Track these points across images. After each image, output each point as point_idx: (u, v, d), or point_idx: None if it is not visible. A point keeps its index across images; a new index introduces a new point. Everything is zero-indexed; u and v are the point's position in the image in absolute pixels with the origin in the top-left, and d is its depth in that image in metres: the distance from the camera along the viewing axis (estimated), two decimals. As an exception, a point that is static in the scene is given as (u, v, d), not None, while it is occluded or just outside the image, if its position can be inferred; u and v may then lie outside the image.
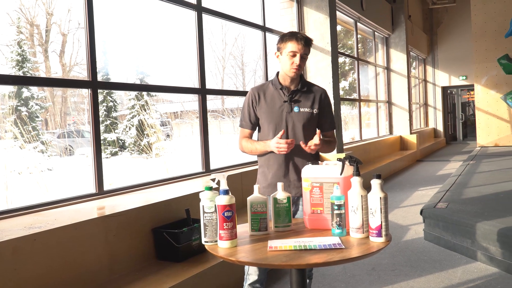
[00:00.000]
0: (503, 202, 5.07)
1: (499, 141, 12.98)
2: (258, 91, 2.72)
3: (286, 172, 2.65)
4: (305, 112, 2.66)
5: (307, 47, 2.60)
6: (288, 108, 2.65)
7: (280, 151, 2.52)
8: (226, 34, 23.28)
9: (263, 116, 2.69)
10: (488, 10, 12.90)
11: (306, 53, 2.60)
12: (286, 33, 2.66)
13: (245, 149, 2.75)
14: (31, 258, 2.66)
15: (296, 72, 2.60)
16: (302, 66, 2.62)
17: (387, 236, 1.96)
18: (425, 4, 17.20)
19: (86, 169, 11.08)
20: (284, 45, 2.61)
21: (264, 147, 2.63)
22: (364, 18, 10.51)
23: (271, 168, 2.67)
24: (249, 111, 2.72)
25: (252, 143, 2.70)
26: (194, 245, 3.53)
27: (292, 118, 2.64)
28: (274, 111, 2.66)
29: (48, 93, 16.52)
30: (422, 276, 3.81)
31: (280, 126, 2.64)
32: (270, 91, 2.71)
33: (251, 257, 1.87)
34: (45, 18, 15.57)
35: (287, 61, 2.60)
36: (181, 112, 20.54)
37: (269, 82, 2.76)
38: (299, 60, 2.57)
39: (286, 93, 2.66)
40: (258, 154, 2.72)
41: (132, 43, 15.04)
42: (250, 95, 2.73)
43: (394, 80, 13.02)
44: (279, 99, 2.67)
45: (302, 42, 2.56)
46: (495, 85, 12.96)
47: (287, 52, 2.59)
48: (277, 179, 2.64)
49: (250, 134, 2.76)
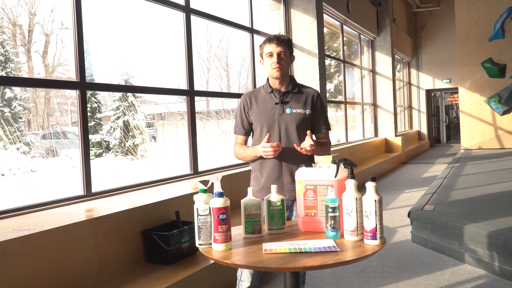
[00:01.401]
0: (489, 205, 5.13)
1: (483, 144, 13.16)
2: (249, 96, 2.74)
3: (279, 175, 2.65)
4: (298, 113, 2.65)
5: (283, 45, 2.60)
6: (280, 109, 2.65)
7: (267, 156, 2.52)
8: (211, 36, 23.23)
9: (255, 119, 2.69)
10: (472, 14, 13.08)
11: (284, 51, 2.61)
12: (263, 40, 2.70)
13: (238, 155, 2.77)
14: (20, 261, 2.61)
15: (278, 71, 2.60)
16: (284, 65, 2.62)
17: (381, 239, 1.97)
18: (410, 7, 17.38)
19: (71, 170, 10.96)
20: (262, 50, 2.67)
21: (254, 152, 2.64)
22: (350, 21, 10.57)
23: (264, 172, 2.67)
24: (241, 117, 2.73)
25: (243, 149, 2.71)
26: (184, 247, 3.50)
27: (284, 120, 2.64)
28: (266, 114, 2.67)
29: (31, 93, 16.33)
30: (411, 278, 3.83)
31: (273, 128, 2.64)
32: (262, 95, 2.72)
33: (246, 260, 1.86)
34: (28, 18, 15.39)
35: (268, 62, 2.64)
36: (166, 114, 20.45)
37: (260, 87, 2.78)
38: (276, 58, 2.59)
39: (277, 95, 2.67)
40: (250, 159, 2.73)
41: (116, 44, 14.93)
42: (242, 101, 2.74)
43: (380, 82, 13.12)
44: (270, 102, 2.68)
45: (275, 41, 2.59)
46: (479, 88, 13.14)
47: (265, 55, 2.64)
48: (271, 182, 2.63)
49: (244, 140, 2.77)
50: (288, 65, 2.67)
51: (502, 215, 4.49)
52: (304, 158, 2.65)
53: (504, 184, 6.57)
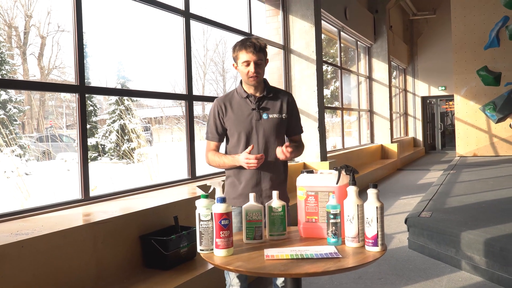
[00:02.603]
0: (486, 212, 5.16)
1: (478, 151, 13.22)
2: (223, 101, 2.63)
3: (258, 181, 2.59)
4: (274, 118, 2.60)
5: (259, 53, 2.50)
6: (257, 115, 2.58)
7: (249, 167, 2.47)
8: (208, 40, 23.24)
9: (231, 126, 2.60)
10: (468, 22, 13.17)
11: (260, 59, 2.51)
12: (237, 43, 2.56)
13: (213, 162, 2.66)
14: (18, 265, 2.60)
15: (255, 80, 2.53)
16: (261, 72, 2.54)
17: (382, 246, 1.97)
18: (406, 15, 17.48)
19: (66, 174, 10.92)
20: (237, 55, 2.54)
21: (233, 162, 2.55)
22: (347, 28, 10.62)
23: (242, 178, 2.59)
24: (215, 122, 2.63)
25: (220, 157, 2.61)
26: (182, 252, 3.50)
27: (262, 126, 2.58)
28: (242, 120, 2.58)
29: (26, 96, 16.28)
30: (408, 285, 3.84)
31: (250, 134, 2.57)
32: (236, 100, 2.63)
33: (249, 266, 1.86)
34: (24, 20, 15.34)
35: (243, 70, 2.53)
36: (161, 118, 20.44)
37: (233, 91, 2.68)
38: (253, 68, 2.49)
39: (253, 100, 2.59)
40: (227, 168, 2.64)
41: (113, 48, 14.91)
42: (216, 106, 2.63)
43: (376, 89, 13.17)
44: (246, 108, 2.60)
45: (251, 49, 2.47)
46: (474, 96, 13.21)
47: (241, 63, 2.53)
48: (249, 189, 2.57)
49: (217, 146, 2.67)
50: (264, 71, 2.59)
51: (498, 222, 4.51)
52: (281, 163, 2.65)
53: (500, 191, 6.61)
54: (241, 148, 2.58)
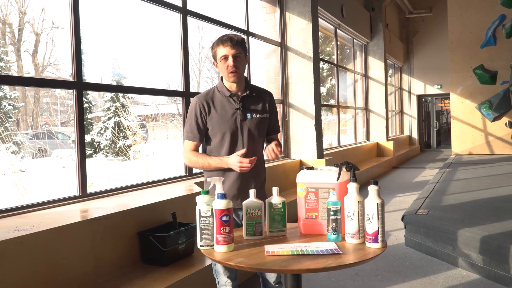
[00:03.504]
0: (482, 210, 5.18)
1: (473, 150, 13.27)
2: (205, 99, 2.55)
3: (244, 181, 2.54)
4: (258, 118, 2.57)
5: (237, 46, 2.46)
6: (241, 115, 2.53)
7: (242, 170, 2.41)
8: (203, 38, 23.24)
9: (215, 126, 2.53)
10: (465, 21, 13.20)
11: (239, 52, 2.46)
12: (214, 41, 2.53)
13: (195, 164, 2.55)
14: (17, 262, 2.59)
15: (235, 75, 2.47)
16: (240, 67, 2.48)
17: (383, 242, 1.98)
18: (402, 13, 17.50)
19: (61, 171, 10.87)
20: (215, 52, 2.50)
21: (220, 164, 2.48)
22: (344, 25, 10.62)
23: (227, 180, 2.52)
24: (197, 122, 2.53)
25: (203, 158, 2.52)
26: (180, 249, 3.49)
27: (246, 126, 2.54)
28: (226, 120, 2.52)
29: (20, 93, 16.19)
30: (406, 282, 3.85)
31: (235, 134, 2.52)
32: (219, 99, 2.56)
33: (250, 262, 1.86)
34: (18, 16, 15.26)
35: (222, 66, 2.48)
36: (156, 115, 20.39)
37: (213, 89, 2.60)
38: (232, 61, 2.44)
39: (236, 99, 2.54)
40: (211, 169, 2.54)
41: (108, 44, 14.85)
42: (197, 105, 2.54)
43: (372, 87, 13.19)
44: (230, 107, 2.54)
45: (228, 43, 2.44)
46: (470, 94, 13.25)
47: (219, 59, 2.48)
48: (235, 190, 2.53)
49: (197, 146, 2.58)
50: (244, 67, 2.53)
51: (495, 220, 4.53)
52: (264, 161, 2.67)
53: (496, 189, 6.63)
54: (224, 148, 2.53)
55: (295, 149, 7.31)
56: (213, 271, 2.55)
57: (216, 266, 2.48)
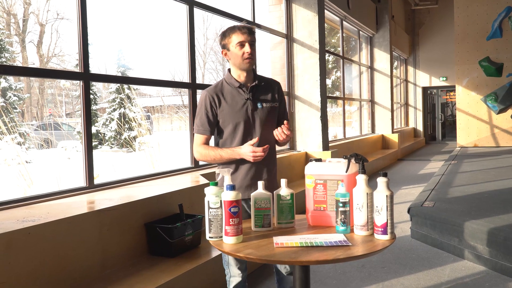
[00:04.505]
0: (488, 202, 5.17)
1: (478, 142, 13.22)
2: (215, 92, 2.55)
3: (257, 171, 2.56)
4: (269, 107, 2.59)
5: (252, 35, 2.50)
6: (252, 105, 2.55)
7: (256, 159, 2.43)
8: (208, 29, 23.13)
9: (226, 118, 2.53)
10: (471, 13, 13.10)
11: (253, 41, 2.50)
12: (225, 30, 2.54)
13: (206, 157, 2.55)
14: (25, 252, 2.60)
15: (250, 61, 2.49)
16: (254, 55, 2.52)
17: (392, 234, 1.97)
18: (408, 5, 17.38)
19: (66, 162, 10.91)
20: (229, 39, 2.50)
21: (232, 155, 2.49)
22: (350, 17, 10.56)
23: (240, 171, 2.54)
24: (207, 115, 2.53)
25: (214, 151, 2.52)
26: (187, 240, 3.50)
27: (258, 115, 2.55)
28: (237, 111, 2.53)
29: (25, 84, 16.22)
30: (412, 274, 3.86)
31: (248, 124, 2.53)
32: (228, 91, 2.56)
33: (259, 253, 1.86)
34: (23, 7, 15.23)
35: (237, 53, 2.48)
36: (161, 107, 20.41)
37: (222, 82, 2.61)
38: (249, 48, 2.47)
39: (246, 90, 2.55)
40: (224, 162, 2.55)
41: (113, 36, 14.83)
42: (207, 98, 2.54)
43: (377, 79, 13.14)
44: (240, 98, 2.55)
45: (245, 30, 2.47)
46: (476, 86, 13.18)
47: (234, 45, 2.48)
48: (248, 181, 2.55)
49: (207, 139, 2.58)
50: (256, 55, 2.57)
51: (501, 212, 4.52)
52: (275, 151, 2.68)
53: (502, 182, 6.61)
54: (237, 139, 2.53)
55: (301, 141, 7.30)
56: (223, 262, 2.57)
57: (228, 257, 2.50)
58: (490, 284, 3.62)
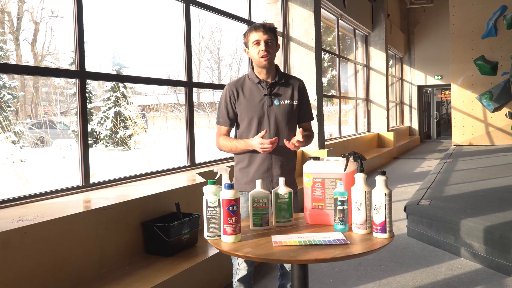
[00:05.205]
0: (484, 200, 5.18)
1: (473, 140, 13.27)
2: (235, 86, 2.65)
3: (269, 167, 2.61)
4: (286, 105, 2.62)
5: (269, 33, 2.55)
6: (269, 101, 2.60)
7: (264, 151, 2.49)
8: (203, 28, 23.09)
9: (243, 111, 2.62)
10: (466, 12, 13.13)
11: (270, 39, 2.55)
12: (247, 29, 2.64)
13: (224, 147, 2.67)
14: (21, 252, 2.58)
15: (266, 59, 2.54)
16: (272, 53, 2.57)
17: (390, 232, 1.97)
18: (403, 3, 17.41)
19: (61, 161, 10.86)
20: (247, 38, 2.59)
21: (246, 146, 2.57)
22: (345, 16, 10.57)
23: (253, 164, 2.61)
24: (227, 107, 2.65)
25: (231, 141, 2.63)
26: (184, 239, 3.49)
27: (273, 112, 2.60)
28: (254, 106, 2.60)
29: (19, 82, 16.12)
30: (408, 272, 3.86)
31: (262, 120, 2.59)
32: (248, 86, 2.65)
33: (257, 252, 1.85)
34: (17, 5, 15.13)
35: (254, 51, 2.56)
36: (156, 105, 20.33)
37: (245, 77, 2.70)
38: (264, 46, 2.52)
39: (265, 86, 2.61)
40: (239, 152, 2.65)
41: (108, 34, 14.74)
42: (227, 91, 2.65)
43: (373, 78, 13.16)
44: (258, 93, 2.62)
45: (261, 28, 2.53)
46: (471, 85, 13.22)
47: (251, 44, 2.57)
48: (260, 174, 2.59)
49: (227, 131, 2.69)
50: (274, 53, 2.61)
51: (497, 210, 4.54)
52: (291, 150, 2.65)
53: (497, 180, 6.64)
54: (252, 133, 2.60)
55: (297, 139, 7.26)
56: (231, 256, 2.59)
57: None
58: (486, 282, 3.63)
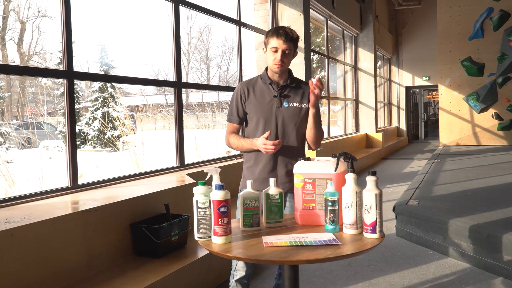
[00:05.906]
0: (471, 200, 5.22)
1: (460, 141, 13.38)
2: (247, 85, 2.70)
3: (274, 167, 2.64)
4: (295, 107, 2.65)
5: (290, 43, 2.55)
6: (278, 103, 2.63)
7: (267, 152, 2.52)
8: (192, 28, 23.02)
9: (252, 110, 2.66)
10: (453, 13, 13.24)
11: (289, 49, 2.56)
12: (271, 29, 2.65)
13: (232, 144, 2.72)
14: (8, 254, 2.55)
15: (279, 67, 2.57)
16: (286, 62, 2.59)
17: (381, 233, 1.98)
18: (391, 5, 17.52)
19: (48, 162, 10.75)
20: (268, 40, 2.60)
21: (251, 145, 2.60)
22: (334, 17, 10.61)
23: (259, 163, 2.65)
24: (237, 105, 2.69)
25: (238, 140, 2.67)
26: (174, 240, 3.47)
27: (281, 113, 2.63)
28: (263, 106, 2.64)
29: (5, 83, 15.94)
30: (398, 272, 3.88)
31: (269, 121, 2.62)
32: (259, 86, 2.68)
33: (248, 253, 1.84)
34: (3, 4, 14.98)
35: (270, 56, 2.59)
36: (144, 106, 20.23)
37: (257, 77, 2.73)
38: (280, 55, 2.54)
39: (276, 88, 2.64)
40: (245, 151, 2.70)
41: (95, 34, 14.64)
42: (238, 90, 2.70)
43: (362, 79, 13.22)
44: (268, 94, 2.65)
45: (283, 37, 2.53)
46: (458, 86, 13.33)
47: (270, 48, 2.58)
48: (265, 174, 2.63)
49: (237, 129, 2.74)
50: (289, 62, 2.64)
51: (485, 210, 4.57)
52: (299, 151, 2.68)
53: (484, 180, 6.70)
54: (259, 133, 2.63)
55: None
56: None
57: None
58: (474, 281, 3.66)
